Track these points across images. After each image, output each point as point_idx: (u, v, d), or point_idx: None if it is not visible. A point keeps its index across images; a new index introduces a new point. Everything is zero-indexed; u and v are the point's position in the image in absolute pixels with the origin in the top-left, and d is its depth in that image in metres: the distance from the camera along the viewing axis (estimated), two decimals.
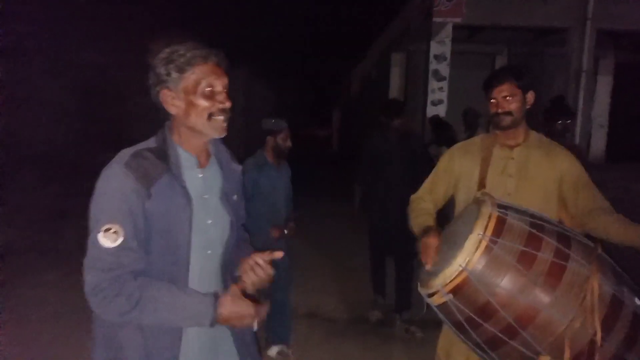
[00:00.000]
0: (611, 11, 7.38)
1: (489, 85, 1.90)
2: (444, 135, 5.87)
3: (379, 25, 12.15)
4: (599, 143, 10.00)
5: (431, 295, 1.34)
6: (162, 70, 1.24)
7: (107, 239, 1.13)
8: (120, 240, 1.14)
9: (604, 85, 9.70)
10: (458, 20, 7.39)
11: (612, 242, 1.68)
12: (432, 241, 1.56)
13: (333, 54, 20.55)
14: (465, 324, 1.29)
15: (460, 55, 8.31)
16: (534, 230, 1.29)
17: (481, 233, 1.26)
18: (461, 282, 1.25)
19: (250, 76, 12.54)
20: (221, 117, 1.28)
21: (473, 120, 6.11)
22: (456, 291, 1.27)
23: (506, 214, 1.34)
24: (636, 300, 1.29)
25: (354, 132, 15.94)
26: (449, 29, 7.44)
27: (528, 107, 1.89)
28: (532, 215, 1.41)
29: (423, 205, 1.99)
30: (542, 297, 1.19)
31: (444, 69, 7.54)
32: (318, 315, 4.06)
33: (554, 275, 1.20)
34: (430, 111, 7.25)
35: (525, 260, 1.22)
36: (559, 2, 7.50)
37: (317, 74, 25.97)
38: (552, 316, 1.18)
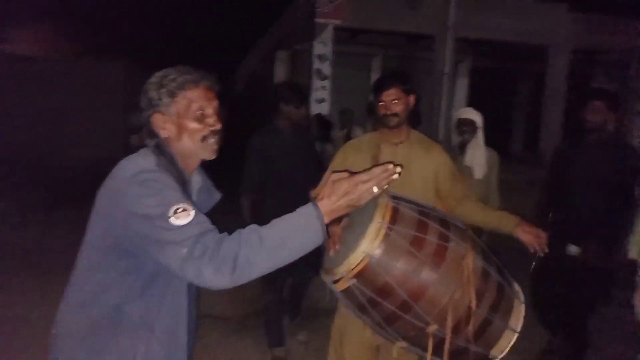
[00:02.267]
0: (469, 21, 8.36)
1: (378, 89, 2.10)
2: (327, 133, 6.18)
3: (264, 23, 12.19)
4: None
5: (336, 281, 1.44)
6: (154, 94, 1.29)
7: (181, 219, 1.14)
8: (192, 213, 1.15)
9: (462, 87, 10.94)
10: (338, 22, 7.76)
11: (475, 225, 2.00)
12: (334, 230, 1.67)
13: (217, 50, 20.08)
14: (366, 305, 1.42)
15: (341, 56, 8.74)
16: (422, 217, 1.47)
17: (380, 221, 1.39)
18: (364, 267, 1.38)
19: (132, 71, 11.74)
20: (212, 140, 1.33)
21: (348, 119, 6.54)
22: (359, 275, 1.39)
23: (399, 204, 1.50)
24: (496, 272, 1.53)
25: (239, 132, 15.76)
26: (330, 30, 7.77)
27: (410, 108, 2.12)
28: (418, 205, 1.60)
29: None
30: (431, 274, 1.37)
31: (326, 68, 7.86)
32: (213, 315, 4.01)
33: (439, 255, 1.39)
34: (315, 109, 7.51)
35: (417, 243, 1.38)
36: (426, 11, 8.28)
37: (199, 68, 25.03)
38: (438, 290, 1.36)
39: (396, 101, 2.05)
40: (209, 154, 1.35)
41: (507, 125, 12.36)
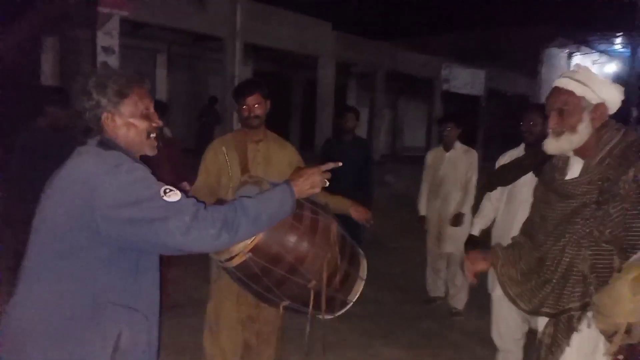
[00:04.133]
0: (253, 28, 9.00)
1: (242, 93, 2.37)
2: None
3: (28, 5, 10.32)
4: None
5: (231, 258, 1.66)
6: (100, 95, 1.35)
7: (173, 196, 1.27)
8: (178, 192, 1.29)
9: None
10: (125, 13, 7.35)
11: None
12: None
13: None
14: (259, 273, 1.69)
15: (123, 49, 8.25)
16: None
17: None
18: (259, 241, 1.64)
19: None
20: (153, 136, 1.44)
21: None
22: (254, 249, 1.64)
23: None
24: (350, 238, 1.93)
25: None
26: (116, 20, 7.30)
27: (267, 112, 2.45)
28: None
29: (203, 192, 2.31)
30: (310, 241, 1.71)
31: (113, 61, 7.35)
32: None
33: (314, 225, 1.74)
34: None
35: (298, 218, 1.70)
36: (215, 13, 8.56)
37: None
38: (316, 253, 1.71)
39: (257, 105, 2.36)
40: (152, 150, 1.46)
41: (286, 126, 13.63)
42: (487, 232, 3.15)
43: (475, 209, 3.44)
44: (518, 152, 2.95)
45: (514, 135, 3.21)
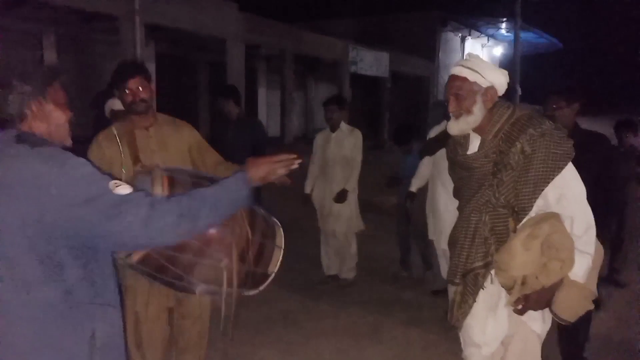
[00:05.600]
0: (152, 8, 8.47)
1: (123, 77, 2.18)
2: None
3: None
4: None
5: (129, 254, 1.60)
6: (24, 85, 1.30)
7: (124, 190, 1.24)
8: (127, 185, 1.27)
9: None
10: None
11: None
12: None
13: None
14: (166, 263, 1.63)
15: (5, 32, 7.37)
16: (194, 179, 1.74)
17: (160, 191, 1.58)
18: None
19: None
20: (68, 126, 1.43)
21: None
22: None
23: (172, 174, 1.72)
24: (261, 209, 1.91)
25: None
26: None
27: (153, 95, 2.27)
28: (187, 172, 1.88)
29: None
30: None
31: None
32: None
33: None
34: None
35: None
36: None
37: None
38: (223, 232, 1.67)
39: (142, 88, 2.18)
40: (69, 140, 1.42)
41: (194, 110, 13.14)
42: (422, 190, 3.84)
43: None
44: (442, 127, 3.34)
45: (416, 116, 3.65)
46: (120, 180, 1.31)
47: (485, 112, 1.81)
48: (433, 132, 3.54)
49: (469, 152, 1.89)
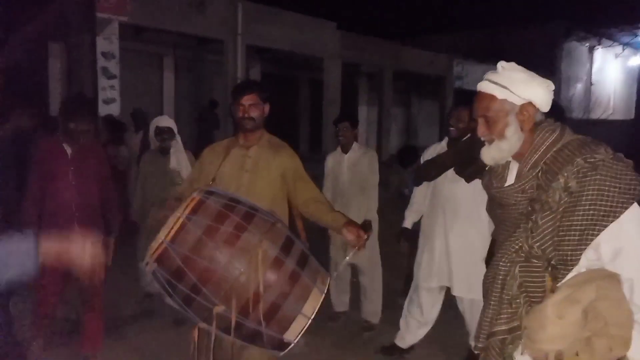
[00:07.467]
0: (254, 30, 8.97)
1: (238, 93, 2.21)
2: (119, 135, 5.88)
3: (25, 8, 10.55)
4: None
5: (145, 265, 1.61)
6: None
7: None
8: None
9: None
10: (124, 18, 7.40)
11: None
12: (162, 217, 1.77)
13: None
14: (167, 287, 1.60)
15: (127, 53, 8.34)
16: (223, 209, 1.63)
17: (181, 212, 1.59)
18: (162, 252, 1.55)
19: None
20: None
21: (142, 119, 6.35)
22: (159, 260, 1.56)
23: (208, 198, 1.65)
24: (295, 263, 1.63)
25: None
26: (115, 26, 7.36)
27: (265, 115, 2.26)
28: (233, 200, 1.72)
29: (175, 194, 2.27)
30: (218, 260, 1.56)
31: (113, 66, 7.42)
32: None
33: (229, 243, 1.58)
34: (103, 110, 7.03)
35: (210, 232, 1.58)
36: (215, 16, 8.56)
37: None
38: (223, 275, 1.55)
39: (253, 106, 2.18)
40: None
41: (295, 128, 13.55)
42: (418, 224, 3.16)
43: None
44: (441, 146, 2.98)
45: None
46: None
47: (526, 135, 1.46)
48: (428, 153, 3.02)
49: (507, 184, 1.53)
